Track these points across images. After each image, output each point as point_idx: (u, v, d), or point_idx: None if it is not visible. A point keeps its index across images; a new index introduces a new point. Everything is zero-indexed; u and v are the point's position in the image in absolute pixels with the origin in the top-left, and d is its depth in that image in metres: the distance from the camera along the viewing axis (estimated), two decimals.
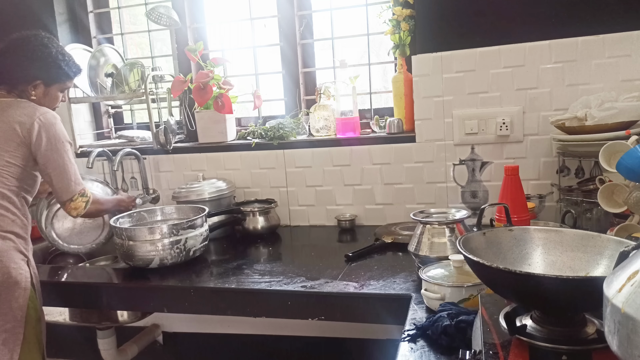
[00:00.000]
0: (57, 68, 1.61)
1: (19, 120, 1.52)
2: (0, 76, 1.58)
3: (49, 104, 1.64)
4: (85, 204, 1.61)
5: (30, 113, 1.54)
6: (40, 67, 1.58)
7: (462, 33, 1.87)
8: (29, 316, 1.49)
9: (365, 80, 2.24)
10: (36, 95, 1.60)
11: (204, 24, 2.41)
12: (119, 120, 2.68)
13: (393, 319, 1.33)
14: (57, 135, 1.56)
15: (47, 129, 1.54)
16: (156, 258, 1.64)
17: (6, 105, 1.55)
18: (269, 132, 2.16)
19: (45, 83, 1.61)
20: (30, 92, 1.59)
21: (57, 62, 1.60)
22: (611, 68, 1.74)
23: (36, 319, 1.52)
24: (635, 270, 0.57)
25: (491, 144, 1.91)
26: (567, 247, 0.94)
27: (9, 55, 1.58)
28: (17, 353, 1.45)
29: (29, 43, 1.58)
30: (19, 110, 1.54)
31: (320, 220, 2.18)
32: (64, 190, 1.58)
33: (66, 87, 1.69)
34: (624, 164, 1.19)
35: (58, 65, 1.61)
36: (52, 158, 1.55)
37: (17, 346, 1.45)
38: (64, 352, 2.37)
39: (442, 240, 1.36)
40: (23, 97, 1.59)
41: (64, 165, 1.57)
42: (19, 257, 1.50)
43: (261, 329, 2.22)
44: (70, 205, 1.59)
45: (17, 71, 1.57)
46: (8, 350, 1.44)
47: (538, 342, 0.77)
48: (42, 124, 1.53)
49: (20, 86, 1.59)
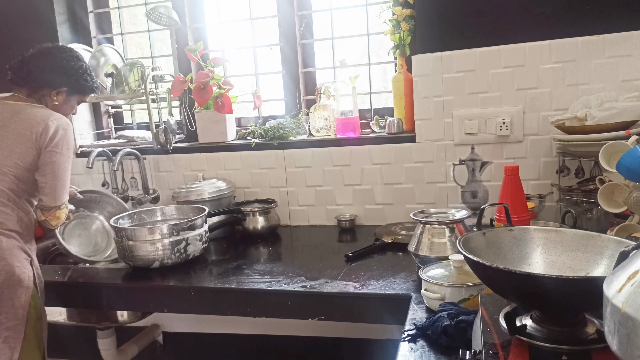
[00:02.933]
0: (84, 81, 1.71)
1: (33, 123, 1.55)
2: (30, 77, 1.62)
3: (65, 112, 1.70)
4: (66, 217, 1.63)
5: (44, 116, 1.58)
6: (70, 76, 1.66)
7: (462, 33, 1.87)
8: (30, 315, 1.49)
9: (365, 80, 2.24)
10: (57, 101, 1.66)
11: (204, 24, 2.41)
12: (119, 120, 2.68)
13: (393, 319, 1.33)
14: (68, 141, 1.60)
15: (61, 131, 1.57)
16: (156, 258, 1.64)
17: (23, 108, 1.59)
18: (269, 132, 2.16)
19: (69, 92, 1.68)
20: (53, 97, 1.65)
21: (84, 76, 1.70)
22: (611, 68, 1.74)
23: (36, 317, 1.52)
24: (635, 270, 0.57)
25: (491, 144, 1.91)
26: (567, 247, 0.94)
27: (42, 60, 1.64)
28: (18, 352, 1.46)
29: (64, 53, 1.68)
30: (33, 113, 1.58)
31: (320, 220, 2.18)
32: (57, 196, 1.57)
33: (83, 100, 1.79)
34: (624, 164, 1.19)
35: (85, 79, 1.70)
36: (53, 160, 1.55)
37: (18, 344, 1.46)
38: (64, 352, 2.37)
39: (442, 240, 1.36)
40: (42, 102, 1.65)
41: (64, 171, 1.58)
42: (22, 256, 1.51)
43: (261, 329, 2.22)
44: (54, 214, 1.57)
45: (48, 74, 1.63)
46: (9, 348, 1.44)
47: (538, 342, 0.77)
48: (58, 125, 1.57)
49: (44, 90, 1.64)
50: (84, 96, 1.77)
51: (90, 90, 1.75)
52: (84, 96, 1.76)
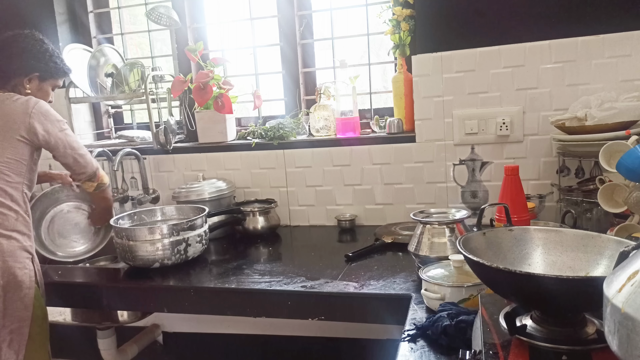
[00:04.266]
0: (54, 64, 1.67)
1: (16, 116, 1.54)
2: None
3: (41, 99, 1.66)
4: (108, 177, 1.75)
5: (24, 107, 1.56)
6: (38, 60, 1.63)
7: (462, 33, 1.87)
8: (36, 315, 1.49)
9: (365, 80, 2.24)
10: (30, 89, 1.64)
11: (204, 24, 2.41)
12: (119, 120, 2.68)
13: (393, 319, 1.33)
14: (53, 118, 1.60)
15: (44, 118, 1.57)
16: (156, 259, 1.64)
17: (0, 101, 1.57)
18: (269, 132, 2.16)
19: (41, 77, 1.66)
20: (25, 86, 1.63)
21: (53, 57, 1.67)
22: (611, 68, 1.74)
23: (42, 317, 1.53)
24: (635, 270, 0.57)
25: (491, 144, 1.91)
26: (567, 247, 0.94)
27: (6, 49, 1.61)
28: (22, 353, 1.46)
29: (26, 38, 1.64)
30: (13, 104, 1.55)
31: (320, 220, 2.18)
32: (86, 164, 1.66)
33: (57, 84, 1.75)
34: (624, 164, 1.19)
35: (54, 61, 1.67)
36: (60, 139, 1.60)
37: (23, 346, 1.46)
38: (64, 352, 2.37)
39: (442, 240, 1.36)
40: (15, 91, 1.62)
41: (72, 141, 1.63)
42: (23, 255, 1.51)
43: (261, 329, 2.22)
44: (100, 173, 1.71)
45: (15, 64, 1.61)
46: (14, 351, 1.44)
47: (538, 342, 0.77)
48: (38, 114, 1.56)
49: (15, 80, 1.62)
50: (57, 80, 1.73)
51: (62, 72, 1.72)
52: (56, 80, 1.73)
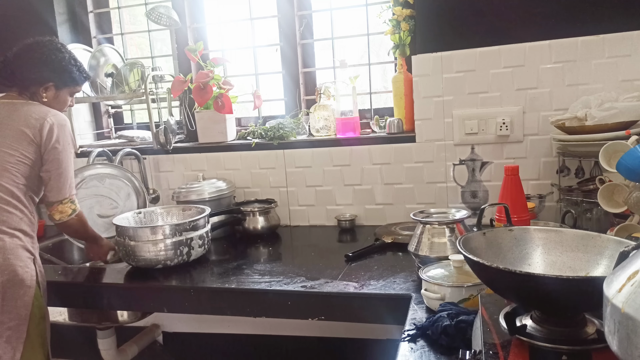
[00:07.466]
0: (69, 72, 1.66)
1: (30, 120, 1.55)
2: (14, 77, 1.61)
3: (59, 107, 1.68)
4: (71, 212, 1.61)
5: (41, 113, 1.57)
6: (53, 70, 1.63)
7: (462, 33, 1.87)
8: (33, 314, 1.50)
9: (365, 80, 2.24)
10: (47, 97, 1.64)
11: (204, 24, 2.41)
12: (119, 120, 2.68)
13: (393, 319, 1.33)
14: (66, 137, 1.60)
15: (58, 129, 1.57)
16: (159, 260, 1.64)
17: (18, 106, 1.59)
18: (269, 132, 2.16)
19: (57, 86, 1.65)
20: (42, 94, 1.63)
21: (69, 67, 1.66)
22: (611, 68, 1.74)
23: (40, 317, 1.53)
24: (635, 270, 0.57)
25: (491, 144, 1.91)
26: (567, 247, 0.94)
27: (24, 57, 1.62)
28: (20, 351, 1.46)
29: (44, 47, 1.64)
30: (30, 110, 1.57)
31: (320, 220, 2.18)
32: (58, 190, 1.58)
33: (76, 91, 1.74)
34: (624, 164, 1.19)
35: (70, 70, 1.66)
36: (57, 157, 1.57)
37: (20, 344, 1.46)
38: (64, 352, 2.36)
39: (442, 240, 1.36)
40: (34, 99, 1.63)
41: (66, 167, 1.59)
42: (25, 255, 1.51)
43: (261, 329, 2.21)
44: (57, 208, 1.59)
45: (31, 73, 1.61)
46: (11, 347, 1.45)
47: (538, 342, 0.77)
48: (53, 123, 1.57)
49: (33, 88, 1.62)
50: (74, 88, 1.71)
51: (77, 80, 1.70)
52: (73, 88, 1.71)
